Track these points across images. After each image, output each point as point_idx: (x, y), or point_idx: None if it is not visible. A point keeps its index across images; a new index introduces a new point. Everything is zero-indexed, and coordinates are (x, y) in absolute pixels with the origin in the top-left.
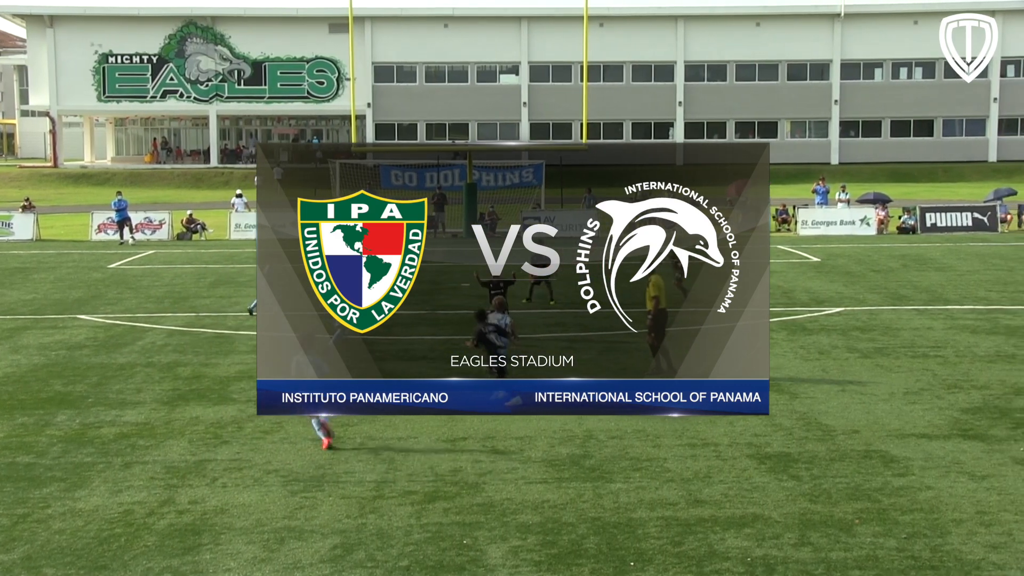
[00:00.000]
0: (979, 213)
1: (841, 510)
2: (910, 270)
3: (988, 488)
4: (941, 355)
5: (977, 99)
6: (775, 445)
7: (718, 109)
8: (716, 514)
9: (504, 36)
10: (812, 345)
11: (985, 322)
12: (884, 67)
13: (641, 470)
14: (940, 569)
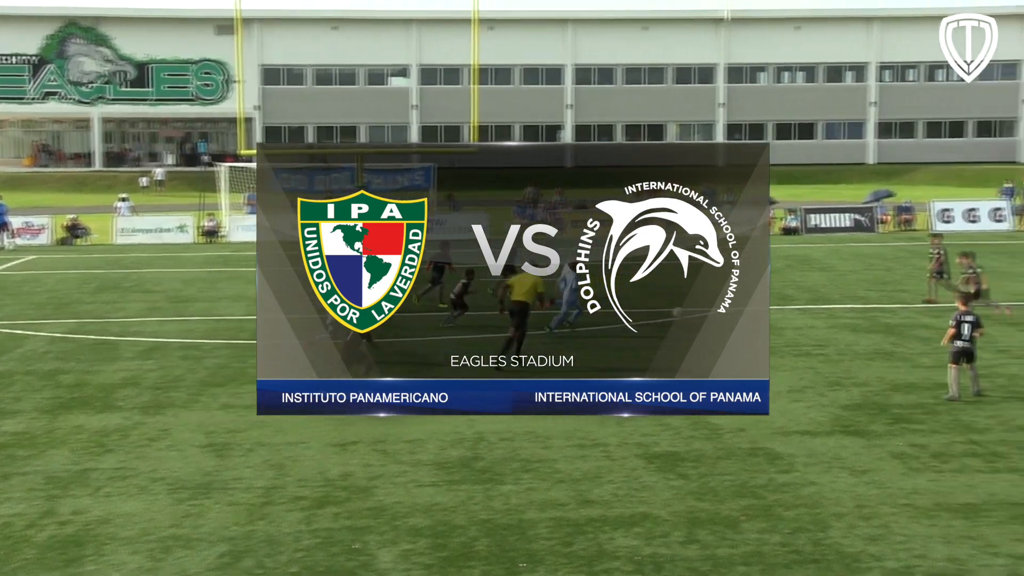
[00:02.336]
0: (859, 214)
1: (727, 507)
2: (794, 270)
3: (867, 482)
4: (823, 353)
5: (856, 103)
6: (663, 444)
7: (606, 112)
8: (605, 514)
9: (393, 39)
10: None
11: (865, 321)
12: (768, 71)
13: (531, 471)
14: (822, 562)
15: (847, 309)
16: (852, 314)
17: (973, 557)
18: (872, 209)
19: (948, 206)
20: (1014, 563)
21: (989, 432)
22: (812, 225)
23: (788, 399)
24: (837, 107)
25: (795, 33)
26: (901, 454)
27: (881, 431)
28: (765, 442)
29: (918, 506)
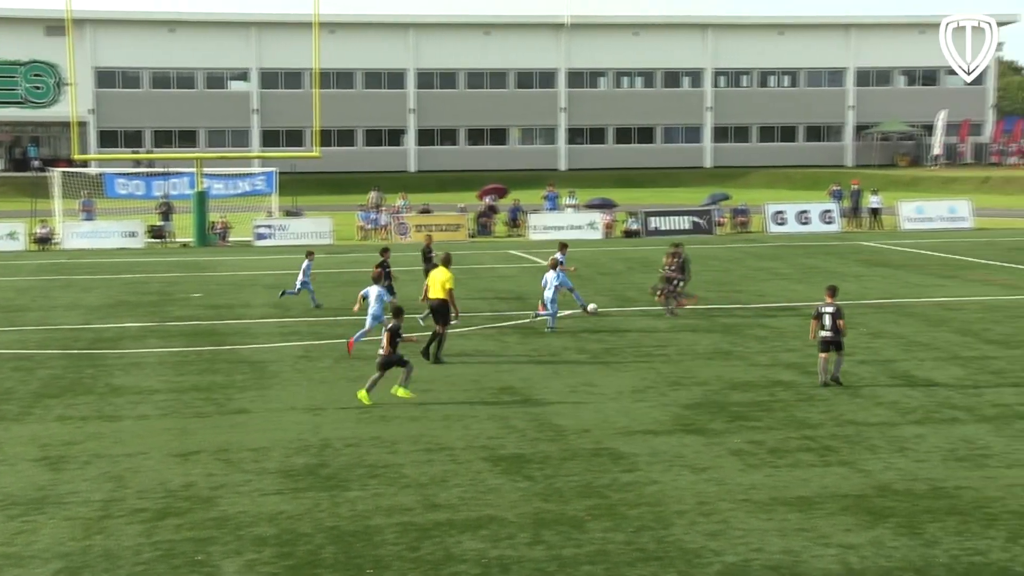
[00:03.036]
0: (697, 217)
1: (573, 508)
2: (635, 272)
3: (708, 479)
4: (665, 354)
5: (693, 108)
6: (509, 447)
7: (449, 116)
8: (452, 517)
9: (233, 42)
10: (544, 347)
11: (704, 321)
12: (608, 76)
13: (378, 477)
14: (665, 559)
15: (687, 310)
16: (692, 315)
17: (807, 548)
18: (710, 212)
19: (781, 208)
20: (844, 552)
21: (822, 427)
22: (652, 228)
23: (631, 399)
24: (675, 112)
25: (634, 39)
26: (739, 451)
27: (720, 429)
28: (609, 442)
29: (755, 501)
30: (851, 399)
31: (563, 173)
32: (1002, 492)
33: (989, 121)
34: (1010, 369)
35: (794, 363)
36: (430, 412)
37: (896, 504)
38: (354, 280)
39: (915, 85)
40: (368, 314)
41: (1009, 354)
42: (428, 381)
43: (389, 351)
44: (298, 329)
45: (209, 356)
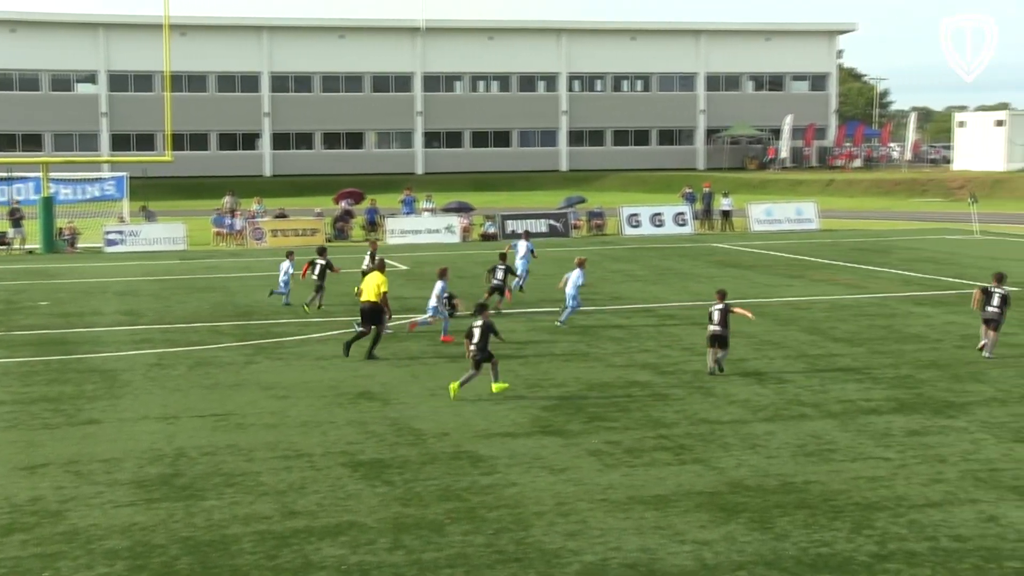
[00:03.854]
0: (554, 220)
1: (433, 511)
2: None
3: (566, 480)
4: (523, 356)
5: (548, 112)
6: (368, 452)
7: (305, 120)
8: (311, 524)
9: (79, 43)
10: (403, 351)
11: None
12: (464, 80)
13: (235, 485)
14: (524, 560)
15: (545, 312)
16: (550, 317)
17: (663, 546)
18: (566, 215)
19: (636, 211)
20: (698, 548)
21: (676, 426)
22: (510, 231)
23: (490, 402)
24: (531, 116)
25: (489, 43)
26: (597, 451)
27: (578, 430)
28: (468, 445)
29: (613, 500)
30: (704, 398)
31: (420, 177)
32: (847, 485)
33: (832, 126)
34: (854, 366)
35: (650, 363)
36: (288, 419)
37: (748, 500)
38: (209, 286)
39: (762, 90)
40: (428, 306)
41: (853, 351)
42: (287, 388)
43: (470, 347)
44: (151, 337)
45: (58, 366)
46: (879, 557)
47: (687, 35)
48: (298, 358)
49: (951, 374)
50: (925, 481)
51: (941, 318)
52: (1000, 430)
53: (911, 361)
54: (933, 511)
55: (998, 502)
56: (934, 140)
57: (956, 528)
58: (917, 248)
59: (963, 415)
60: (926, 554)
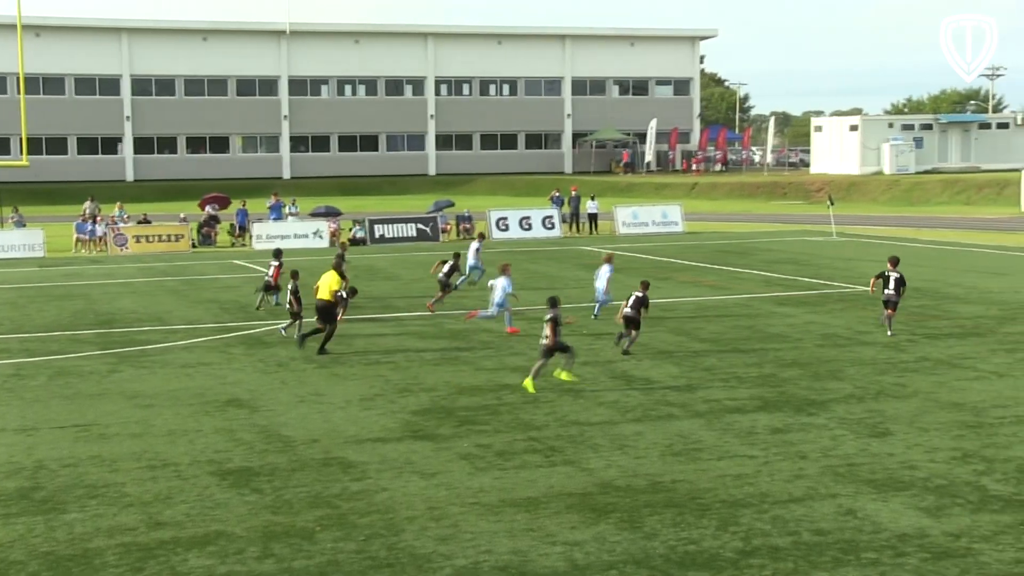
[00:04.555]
0: (422, 224)
1: (303, 519)
2: (362, 280)
3: (437, 484)
4: (393, 361)
5: (416, 116)
6: (236, 460)
7: (167, 124)
8: (178, 535)
9: None
10: (271, 358)
11: (431, 327)
12: (330, 84)
13: (98, 497)
14: (396, 566)
15: (414, 317)
16: (419, 321)
17: (534, 547)
18: (435, 219)
19: (504, 215)
20: (569, 549)
21: (547, 428)
22: (378, 236)
23: (360, 407)
24: (398, 120)
25: (355, 47)
26: (468, 455)
27: (449, 434)
28: (338, 451)
29: (484, 503)
30: (574, 400)
31: (287, 181)
32: (713, 483)
33: (695, 130)
34: (719, 366)
35: (520, 367)
36: (153, 428)
37: (618, 500)
38: (69, 294)
39: (628, 95)
40: (493, 302)
41: (718, 352)
42: (151, 396)
43: (553, 339)
44: (8, 346)
45: None
46: (744, 553)
47: (553, 40)
48: (163, 366)
49: (812, 372)
50: (788, 477)
51: (802, 318)
52: (858, 426)
53: (774, 360)
54: (795, 506)
55: (856, 496)
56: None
57: (817, 522)
58: (778, 249)
59: (823, 412)
60: (789, 548)
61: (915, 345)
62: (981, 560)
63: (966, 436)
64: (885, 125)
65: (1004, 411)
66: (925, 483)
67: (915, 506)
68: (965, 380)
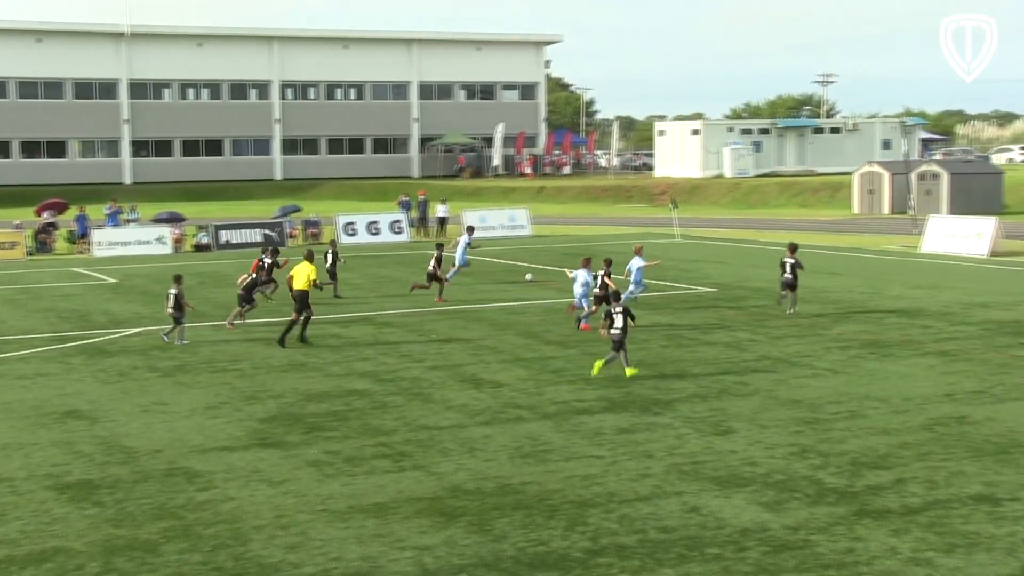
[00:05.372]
0: (269, 229)
1: (146, 531)
2: (207, 287)
3: (285, 492)
4: (239, 368)
5: (261, 120)
6: (76, 473)
7: (4, 128)
8: (13, 553)
9: None
10: (112, 367)
11: (278, 333)
12: (172, 87)
13: None
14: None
15: (261, 323)
16: (266, 328)
17: (384, 553)
18: (281, 224)
19: (352, 219)
20: (419, 554)
21: (396, 433)
22: (224, 241)
23: (205, 416)
24: (243, 124)
25: (198, 50)
26: (316, 461)
27: (297, 441)
28: (183, 461)
29: (333, 510)
30: (423, 404)
31: (129, 187)
32: (562, 484)
33: (542, 134)
34: (567, 368)
35: (368, 371)
36: None
37: (467, 503)
38: None
39: (474, 99)
40: (577, 295)
41: (566, 353)
42: None
43: (621, 331)
44: None
45: None
46: (592, 552)
47: (399, 44)
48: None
49: (657, 372)
50: (634, 476)
51: (647, 319)
52: (701, 424)
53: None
54: (642, 505)
55: (700, 493)
56: (637, 148)
57: (663, 520)
58: (624, 252)
59: (668, 412)
60: (636, 546)
61: (756, 344)
62: (817, 551)
63: (803, 432)
64: (725, 130)
65: (839, 407)
66: (765, 479)
67: (756, 501)
68: (803, 378)
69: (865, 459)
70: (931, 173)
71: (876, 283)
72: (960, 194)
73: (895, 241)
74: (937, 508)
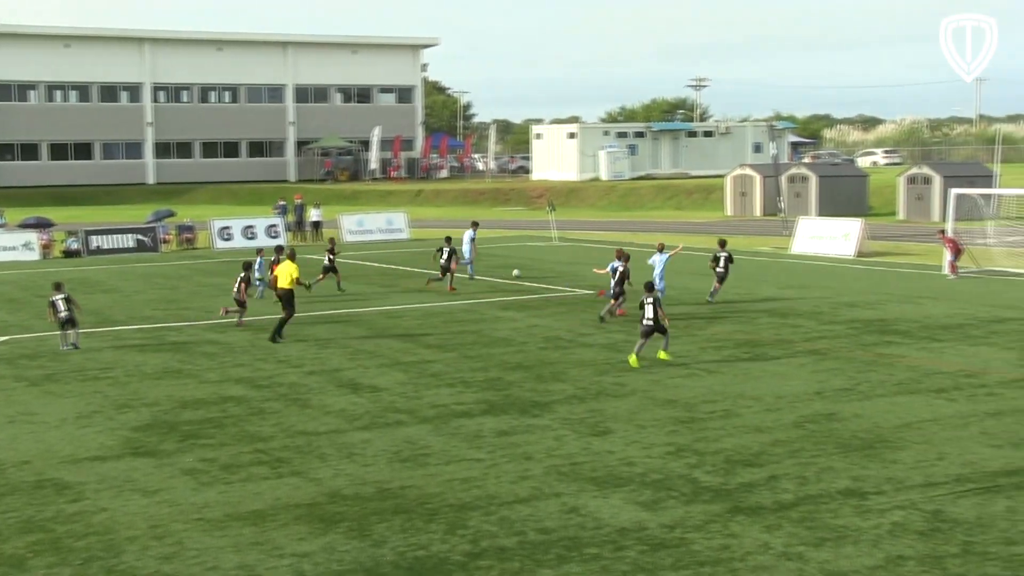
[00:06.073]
0: (141, 234)
1: (12, 546)
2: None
3: (160, 501)
4: (111, 376)
5: (133, 123)
6: None
7: None
8: None
9: None
10: None
11: (152, 340)
12: (38, 89)
13: None
14: None
15: (134, 330)
16: (139, 335)
17: (262, 561)
18: (155, 229)
19: (227, 224)
20: (298, 561)
21: (273, 440)
22: (95, 247)
23: (75, 426)
24: (114, 127)
25: (67, 51)
26: (192, 470)
27: (172, 449)
28: (52, 472)
29: (209, 519)
30: (301, 410)
31: None
32: (441, 488)
33: (419, 137)
34: (446, 371)
35: (244, 377)
36: None
37: (346, 509)
38: None
39: (351, 102)
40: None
41: (444, 357)
42: None
43: (653, 321)
44: None
45: None
46: (472, 555)
47: (274, 46)
48: None
49: (535, 375)
50: (514, 479)
51: (525, 321)
52: (579, 425)
53: (499, 364)
54: (521, 507)
55: (579, 493)
56: (515, 151)
57: (542, 521)
58: (502, 255)
59: (547, 413)
60: (515, 548)
61: (632, 345)
62: (693, 549)
63: (679, 431)
64: (601, 133)
65: (713, 406)
66: (643, 478)
67: (634, 501)
68: (679, 377)
69: (739, 457)
70: (800, 176)
71: (749, 284)
72: (828, 196)
73: (767, 242)
74: (808, 503)
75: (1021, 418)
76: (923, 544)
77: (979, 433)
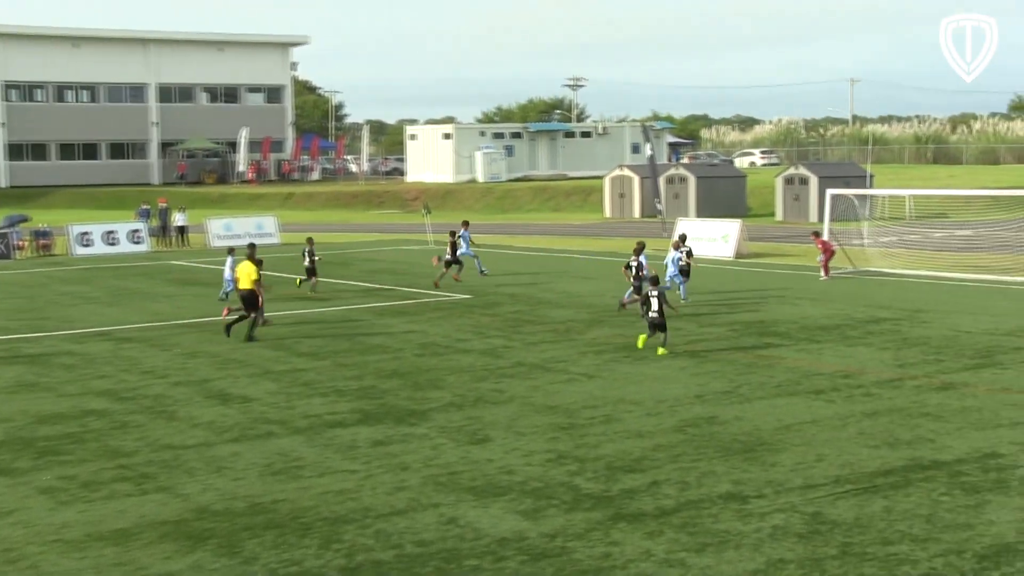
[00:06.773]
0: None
1: None
2: None
3: (14, 523)
4: None
5: None
6: None
7: None
8: None
9: None
10: None
11: (5, 352)
12: None
13: None
14: None
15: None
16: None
17: None
18: (7, 235)
19: (87, 229)
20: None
21: (137, 455)
22: None
23: None
24: None
25: None
26: (50, 488)
27: (27, 467)
28: None
29: (69, 540)
30: (167, 423)
31: None
32: (315, 501)
33: (289, 138)
34: (319, 380)
35: (107, 390)
36: None
37: (216, 525)
38: None
39: (217, 102)
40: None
41: (317, 365)
42: None
43: (658, 313)
44: None
45: None
46: (348, 570)
47: (135, 43)
48: None
49: (412, 382)
50: (390, 490)
51: (401, 327)
52: (457, 434)
53: (374, 371)
54: (398, 519)
55: (457, 504)
56: (389, 153)
57: (420, 533)
58: (377, 259)
59: (424, 422)
60: (392, 562)
61: (511, 351)
62: (575, 557)
63: (560, 438)
64: (477, 133)
65: (594, 411)
66: (523, 487)
67: (514, 510)
68: (559, 383)
69: (620, 463)
70: (679, 177)
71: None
72: (707, 197)
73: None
74: (689, 508)
75: (896, 418)
76: (803, 547)
77: (856, 434)
